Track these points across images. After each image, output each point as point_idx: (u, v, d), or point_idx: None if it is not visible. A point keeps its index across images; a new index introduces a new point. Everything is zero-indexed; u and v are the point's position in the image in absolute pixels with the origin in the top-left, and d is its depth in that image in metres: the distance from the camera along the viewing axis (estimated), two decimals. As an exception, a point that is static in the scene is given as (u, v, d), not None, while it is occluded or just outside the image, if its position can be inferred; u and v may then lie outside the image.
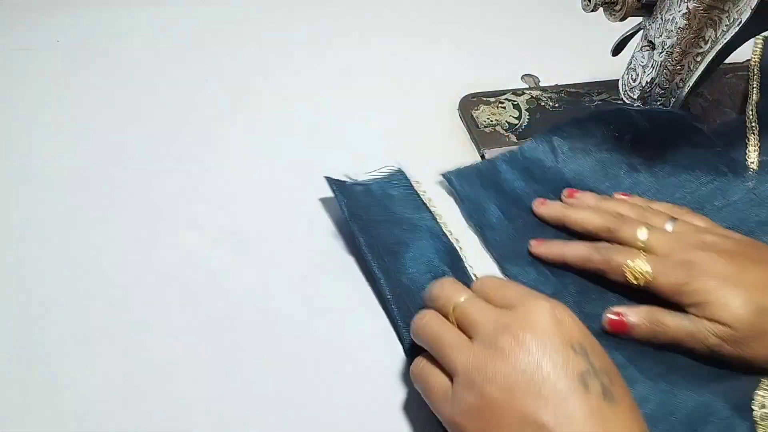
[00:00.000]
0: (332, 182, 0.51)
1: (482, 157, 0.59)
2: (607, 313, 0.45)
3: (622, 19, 0.50)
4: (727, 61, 0.52)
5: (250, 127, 0.58)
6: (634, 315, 0.45)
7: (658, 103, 0.53)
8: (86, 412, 0.40)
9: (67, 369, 0.42)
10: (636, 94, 0.53)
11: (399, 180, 0.54)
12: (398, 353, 0.45)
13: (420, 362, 0.40)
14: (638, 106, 0.54)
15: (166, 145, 0.56)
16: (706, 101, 0.68)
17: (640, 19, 0.53)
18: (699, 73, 0.51)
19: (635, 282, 0.45)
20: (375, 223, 0.49)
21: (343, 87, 0.63)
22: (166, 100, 0.59)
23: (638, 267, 0.45)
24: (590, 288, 0.48)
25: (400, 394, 0.44)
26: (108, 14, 0.66)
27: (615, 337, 0.45)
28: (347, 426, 0.42)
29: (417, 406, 0.43)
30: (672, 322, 0.44)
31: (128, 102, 0.58)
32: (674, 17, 0.49)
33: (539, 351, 0.35)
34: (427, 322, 0.40)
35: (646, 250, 0.46)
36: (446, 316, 0.40)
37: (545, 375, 0.34)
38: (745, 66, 0.72)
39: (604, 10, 0.50)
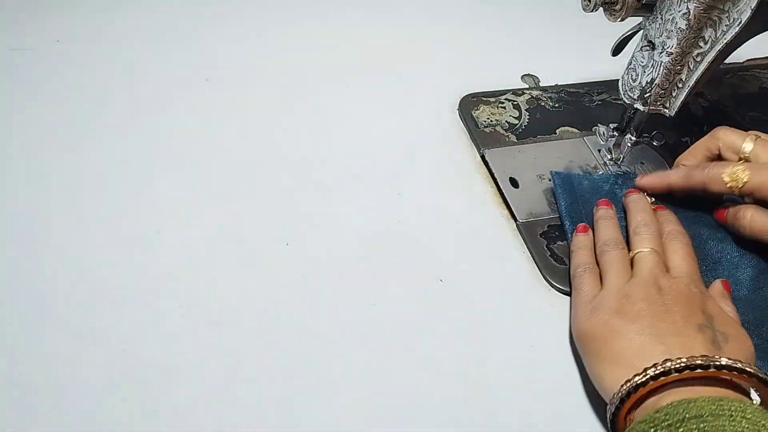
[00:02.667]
0: (556, 176, 0.55)
1: (482, 157, 0.59)
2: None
3: (622, 19, 0.49)
4: (727, 61, 0.52)
5: (250, 127, 0.58)
6: (733, 207, 0.52)
7: (659, 104, 0.53)
8: (86, 412, 0.40)
9: (67, 369, 0.42)
10: (636, 94, 0.53)
11: (626, 181, 0.57)
12: (392, 353, 0.45)
13: (583, 269, 0.49)
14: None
15: (166, 144, 0.56)
16: (706, 101, 0.68)
17: (640, 19, 0.53)
18: (699, 73, 0.51)
19: (733, 184, 0.49)
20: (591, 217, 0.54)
21: (342, 87, 0.63)
22: (166, 100, 0.59)
23: (736, 172, 0.49)
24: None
25: (400, 393, 0.44)
26: (108, 14, 0.66)
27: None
28: (347, 426, 0.42)
29: (416, 405, 0.43)
30: (758, 218, 0.49)
31: (128, 102, 0.58)
32: (674, 17, 0.49)
33: (677, 304, 0.44)
34: (616, 252, 0.49)
35: (750, 160, 0.50)
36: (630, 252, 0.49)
37: (672, 315, 0.43)
38: (745, 66, 0.72)
39: (604, 10, 0.49)
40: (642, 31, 0.53)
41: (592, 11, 0.50)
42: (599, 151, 0.60)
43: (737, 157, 0.51)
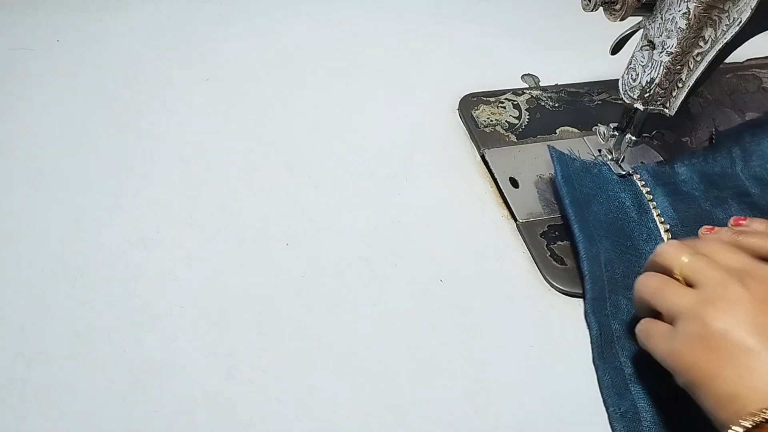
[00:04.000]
0: (553, 151, 0.55)
1: (482, 157, 0.59)
2: None
3: (622, 18, 0.49)
4: (727, 61, 0.52)
5: (250, 127, 0.58)
6: None
7: (659, 103, 0.53)
8: (86, 412, 0.40)
9: (67, 369, 0.42)
10: (636, 93, 0.53)
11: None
12: (392, 353, 0.45)
13: (644, 322, 0.43)
14: None
15: (166, 144, 0.56)
16: (706, 101, 0.68)
17: (640, 18, 0.52)
18: (699, 73, 0.51)
19: None
20: (587, 197, 0.54)
21: (342, 87, 0.63)
22: (166, 100, 0.59)
23: None
24: None
25: (399, 393, 0.44)
26: (108, 14, 0.66)
27: None
28: (347, 426, 0.42)
29: (416, 405, 0.43)
30: None
31: (128, 102, 0.58)
32: (674, 17, 0.49)
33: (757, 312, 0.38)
34: (651, 277, 0.43)
35: None
36: (670, 274, 0.43)
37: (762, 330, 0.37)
38: (745, 66, 0.72)
39: (604, 10, 0.49)
40: (642, 30, 0.53)
41: (592, 11, 0.50)
42: (599, 150, 0.60)
43: None
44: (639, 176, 0.57)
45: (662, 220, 0.54)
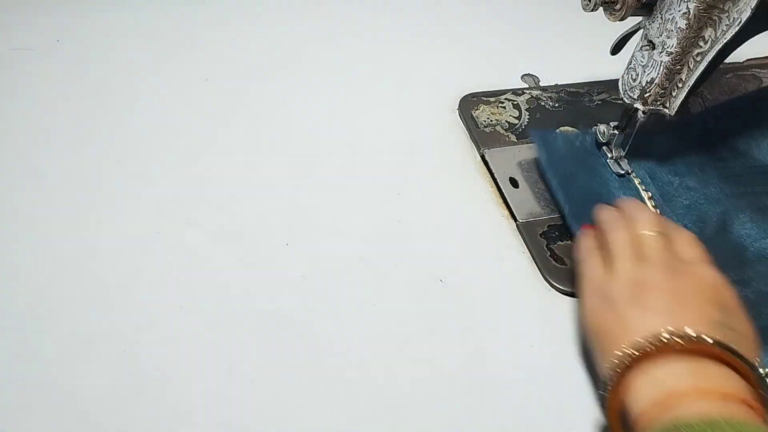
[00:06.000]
0: (536, 133, 0.58)
1: (482, 157, 0.59)
2: None
3: (622, 18, 0.49)
4: (727, 61, 0.52)
5: (250, 127, 0.58)
6: None
7: (659, 103, 0.53)
8: (86, 412, 0.40)
9: (67, 369, 0.42)
10: (636, 93, 0.53)
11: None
12: (392, 353, 0.45)
13: (588, 251, 0.48)
14: None
15: (166, 145, 0.56)
16: (706, 101, 0.68)
17: (640, 18, 0.52)
18: (699, 73, 0.51)
19: None
20: (572, 175, 0.56)
21: (342, 87, 0.63)
22: (166, 100, 0.59)
23: None
24: None
25: (399, 393, 0.44)
26: (108, 14, 0.66)
27: None
28: (347, 426, 0.42)
29: (416, 405, 0.43)
30: None
31: (128, 102, 0.58)
32: (674, 17, 0.49)
33: (693, 296, 0.42)
34: (621, 231, 0.47)
35: None
36: (634, 233, 0.47)
37: (685, 310, 0.41)
38: (745, 66, 0.72)
39: (604, 10, 0.49)
40: (642, 30, 0.53)
41: (592, 11, 0.50)
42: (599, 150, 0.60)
43: None
44: (634, 173, 0.57)
45: (644, 187, 0.55)
